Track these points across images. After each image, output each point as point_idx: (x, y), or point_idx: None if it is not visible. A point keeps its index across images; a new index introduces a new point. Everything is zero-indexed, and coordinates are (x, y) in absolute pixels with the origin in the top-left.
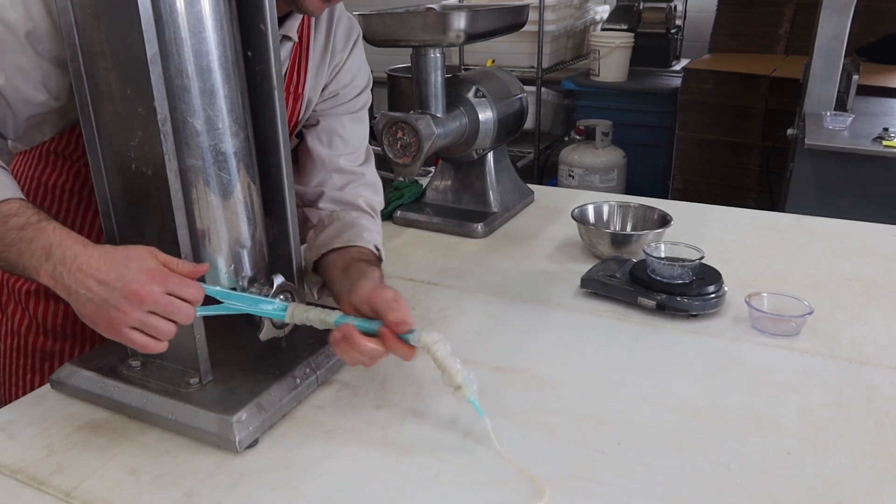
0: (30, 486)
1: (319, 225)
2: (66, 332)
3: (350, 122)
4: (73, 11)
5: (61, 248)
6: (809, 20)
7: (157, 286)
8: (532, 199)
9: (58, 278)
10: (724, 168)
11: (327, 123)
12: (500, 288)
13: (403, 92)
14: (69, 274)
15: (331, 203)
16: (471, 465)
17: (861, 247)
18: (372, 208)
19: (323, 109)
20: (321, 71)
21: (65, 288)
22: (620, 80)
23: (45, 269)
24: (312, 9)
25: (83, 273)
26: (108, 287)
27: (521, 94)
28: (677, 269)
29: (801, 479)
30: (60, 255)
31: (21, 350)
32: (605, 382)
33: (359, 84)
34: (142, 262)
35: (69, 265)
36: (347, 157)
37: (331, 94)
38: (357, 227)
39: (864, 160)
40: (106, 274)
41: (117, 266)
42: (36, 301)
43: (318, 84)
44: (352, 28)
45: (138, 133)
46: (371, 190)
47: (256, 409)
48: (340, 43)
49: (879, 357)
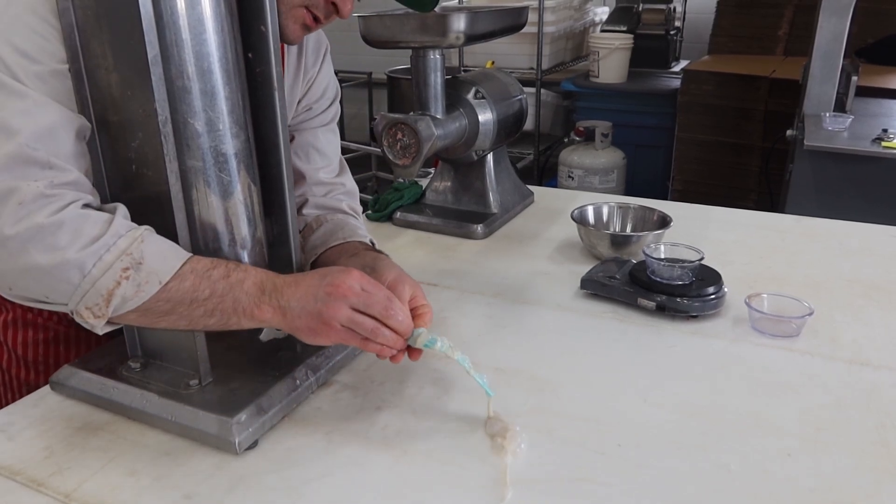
0: (29, 487)
1: (308, 229)
2: (48, 363)
3: (324, 133)
4: (73, 13)
5: (270, 280)
6: (809, 21)
7: (356, 282)
8: (532, 201)
9: (275, 306)
10: (723, 169)
11: (303, 138)
12: (500, 289)
13: (403, 93)
14: (282, 296)
15: (315, 209)
16: (471, 466)
17: (861, 248)
18: (354, 211)
19: (297, 124)
20: (295, 88)
21: (281, 311)
22: (620, 81)
23: (265, 302)
24: (292, 37)
25: (292, 288)
26: (314, 292)
27: (520, 95)
28: (677, 270)
29: (802, 479)
30: (272, 285)
31: (8, 385)
32: (605, 383)
33: (329, 96)
34: (340, 268)
35: (281, 289)
36: (326, 170)
37: (304, 109)
38: (349, 226)
39: (864, 161)
40: (308, 282)
41: (320, 273)
42: (14, 332)
43: (293, 101)
44: (321, 41)
45: (139, 134)
46: (351, 197)
47: (256, 411)
48: (311, 58)
49: (879, 358)
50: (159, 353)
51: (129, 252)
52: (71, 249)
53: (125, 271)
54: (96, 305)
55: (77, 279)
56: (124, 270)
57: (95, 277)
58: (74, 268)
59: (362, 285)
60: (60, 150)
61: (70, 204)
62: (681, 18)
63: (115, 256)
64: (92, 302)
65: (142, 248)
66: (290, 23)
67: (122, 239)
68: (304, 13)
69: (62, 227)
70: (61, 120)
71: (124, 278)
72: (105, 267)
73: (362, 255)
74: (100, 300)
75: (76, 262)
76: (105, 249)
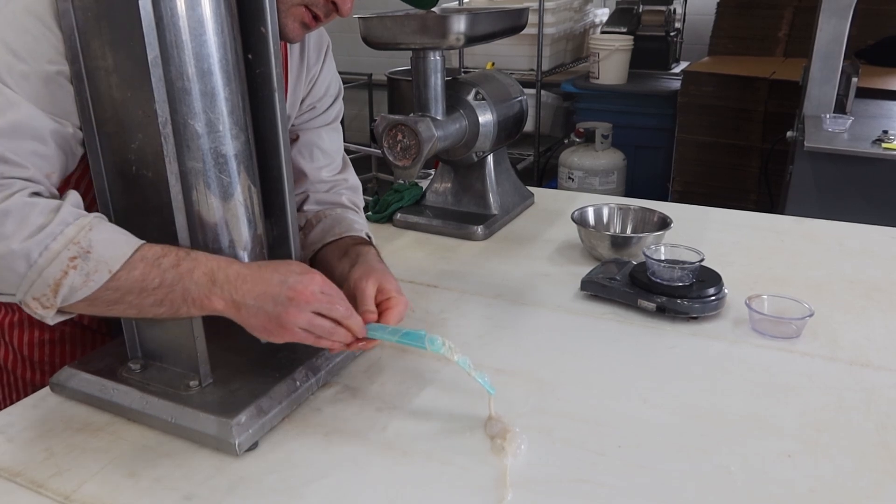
0: (29, 488)
1: (308, 226)
2: (53, 362)
3: (327, 133)
4: (74, 14)
5: (222, 271)
6: (808, 23)
7: (316, 286)
8: (532, 202)
9: (227, 298)
10: (723, 170)
11: (307, 138)
12: (500, 290)
13: (403, 95)
14: (237, 290)
15: (315, 205)
16: (471, 466)
17: (861, 249)
18: (355, 205)
19: (301, 123)
20: (298, 86)
21: (235, 305)
22: (620, 82)
23: (215, 293)
24: (292, 36)
25: (249, 284)
26: (273, 294)
27: (520, 96)
28: (677, 271)
29: (802, 481)
30: (224, 276)
31: (13, 385)
32: (605, 385)
33: (332, 93)
34: (298, 266)
35: (234, 282)
36: (328, 168)
37: (308, 108)
38: (346, 221)
39: (864, 162)
40: (267, 282)
41: (277, 272)
42: (20, 332)
43: (297, 99)
44: (322, 39)
45: (139, 136)
46: (353, 192)
47: (256, 412)
48: (314, 56)
49: (880, 359)
50: (159, 354)
51: (76, 241)
52: (16, 239)
53: (73, 260)
54: (44, 296)
55: (23, 269)
56: (72, 260)
57: (42, 267)
58: (20, 258)
59: (323, 289)
60: (20, 148)
61: (17, 192)
62: (681, 20)
63: (63, 245)
64: (39, 292)
65: (90, 237)
66: (289, 21)
67: (69, 227)
68: (304, 11)
69: (8, 216)
70: (30, 120)
71: (72, 268)
72: (52, 256)
73: (350, 254)
74: (47, 290)
75: (22, 252)
76: (51, 238)
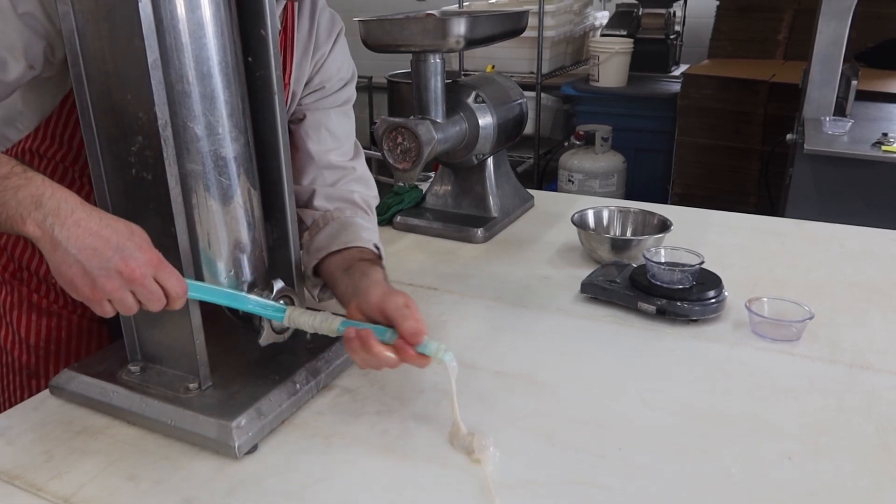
0: (28, 491)
1: (314, 227)
2: (49, 349)
3: (337, 115)
4: (74, 17)
5: (55, 199)
6: (808, 26)
7: (151, 270)
8: (532, 204)
9: (46, 230)
10: (723, 173)
11: (315, 118)
12: (500, 293)
13: (403, 97)
14: (62, 227)
15: (324, 201)
16: (471, 469)
17: (861, 251)
18: (367, 203)
19: (309, 103)
20: (304, 62)
21: (52, 242)
22: (620, 85)
23: (34, 218)
24: None
25: (81, 230)
26: (103, 256)
27: (520, 99)
28: (677, 274)
29: (802, 483)
30: (54, 206)
31: (10, 367)
32: (605, 387)
33: (343, 77)
34: (143, 240)
35: (64, 218)
36: (337, 152)
37: (317, 87)
38: (354, 227)
39: (864, 165)
40: (105, 241)
41: (118, 235)
42: (19, 314)
43: (302, 75)
44: (334, 22)
45: (138, 138)
46: (364, 185)
47: (256, 415)
48: (324, 35)
49: (880, 362)
50: (159, 357)
51: None
52: None
53: None
54: None
55: None
56: None
57: None
58: None
59: (156, 274)
60: None
61: None
62: (680, 22)
63: None
64: None
65: None
66: None
67: None
68: None
69: None
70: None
71: None
72: None
73: (353, 272)
74: None
75: None
76: None
